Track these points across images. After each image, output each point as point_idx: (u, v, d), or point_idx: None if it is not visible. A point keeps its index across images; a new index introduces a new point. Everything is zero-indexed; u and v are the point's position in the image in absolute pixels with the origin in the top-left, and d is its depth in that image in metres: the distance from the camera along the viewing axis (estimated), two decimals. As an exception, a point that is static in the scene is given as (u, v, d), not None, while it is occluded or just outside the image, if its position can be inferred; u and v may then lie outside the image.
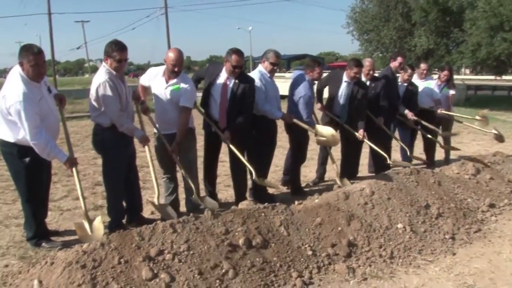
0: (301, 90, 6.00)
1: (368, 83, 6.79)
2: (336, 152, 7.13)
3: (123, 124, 4.68)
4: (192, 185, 4.95)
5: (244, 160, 5.24)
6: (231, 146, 5.29)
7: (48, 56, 4.49)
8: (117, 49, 4.50)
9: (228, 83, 5.33)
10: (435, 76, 8.67)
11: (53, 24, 32.69)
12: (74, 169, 4.43)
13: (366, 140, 6.54)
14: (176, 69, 4.92)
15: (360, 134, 6.44)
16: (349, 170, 6.82)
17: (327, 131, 5.86)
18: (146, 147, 4.89)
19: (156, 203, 4.79)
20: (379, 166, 6.90)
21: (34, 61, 4.11)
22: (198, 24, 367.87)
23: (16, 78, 4.15)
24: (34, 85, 4.21)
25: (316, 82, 6.41)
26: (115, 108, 4.59)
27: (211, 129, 5.46)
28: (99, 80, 4.53)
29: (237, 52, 5.25)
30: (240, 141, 5.38)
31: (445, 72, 8.15)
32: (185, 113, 5.01)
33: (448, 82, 8.18)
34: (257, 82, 5.55)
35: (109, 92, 4.50)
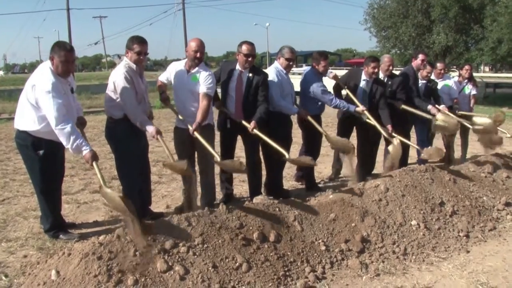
0: (311, 82, 6.05)
1: (385, 79, 6.76)
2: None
3: (137, 117, 4.75)
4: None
5: (274, 144, 5.07)
6: (259, 133, 5.15)
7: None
8: (137, 41, 4.64)
9: (242, 77, 5.38)
10: (453, 74, 8.52)
11: (71, 19, 33.09)
12: (94, 163, 4.42)
13: (395, 135, 6.31)
14: (197, 55, 4.98)
15: (388, 129, 6.30)
16: (365, 168, 6.82)
17: (338, 140, 5.78)
18: (160, 139, 4.79)
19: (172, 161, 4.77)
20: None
21: (65, 57, 4.26)
22: (215, 20, 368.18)
23: (45, 70, 4.29)
24: (61, 80, 4.35)
25: (323, 75, 6.31)
26: (131, 100, 4.67)
27: (227, 125, 5.50)
28: (117, 72, 4.65)
29: (247, 42, 5.33)
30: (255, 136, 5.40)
31: (467, 67, 8.02)
32: (206, 99, 4.97)
33: (469, 80, 8.06)
34: (273, 78, 5.57)
35: (125, 84, 4.60)
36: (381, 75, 6.74)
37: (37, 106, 4.26)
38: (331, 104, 6.07)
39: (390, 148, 6.03)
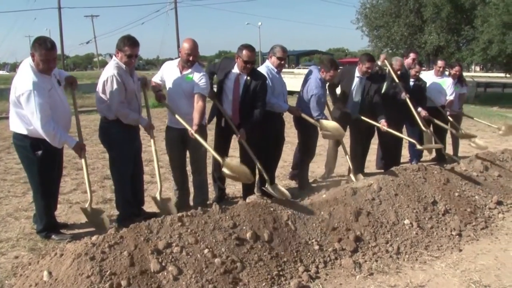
0: (313, 88, 5.90)
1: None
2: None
3: (127, 115, 4.71)
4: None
5: (258, 165, 5.11)
6: (246, 146, 5.17)
7: (57, 51, 4.52)
8: (129, 44, 4.56)
9: (240, 79, 5.33)
10: (446, 73, 8.60)
11: (63, 18, 32.94)
12: (83, 160, 4.45)
13: (390, 130, 6.32)
14: (190, 58, 4.95)
15: (382, 124, 6.32)
16: (356, 166, 6.81)
17: (331, 125, 5.82)
18: (152, 140, 4.85)
19: (158, 198, 4.70)
20: (387, 162, 6.90)
21: (45, 56, 4.19)
22: (207, 19, 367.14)
23: (26, 69, 4.23)
24: (44, 76, 4.28)
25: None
26: (117, 100, 4.62)
27: (222, 124, 5.47)
28: (108, 74, 4.58)
29: (248, 47, 5.24)
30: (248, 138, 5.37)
31: (457, 68, 8.08)
32: (201, 100, 4.94)
33: (459, 80, 8.12)
34: None
35: (115, 86, 4.55)
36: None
37: (21, 105, 4.22)
38: (314, 117, 5.89)
39: None
